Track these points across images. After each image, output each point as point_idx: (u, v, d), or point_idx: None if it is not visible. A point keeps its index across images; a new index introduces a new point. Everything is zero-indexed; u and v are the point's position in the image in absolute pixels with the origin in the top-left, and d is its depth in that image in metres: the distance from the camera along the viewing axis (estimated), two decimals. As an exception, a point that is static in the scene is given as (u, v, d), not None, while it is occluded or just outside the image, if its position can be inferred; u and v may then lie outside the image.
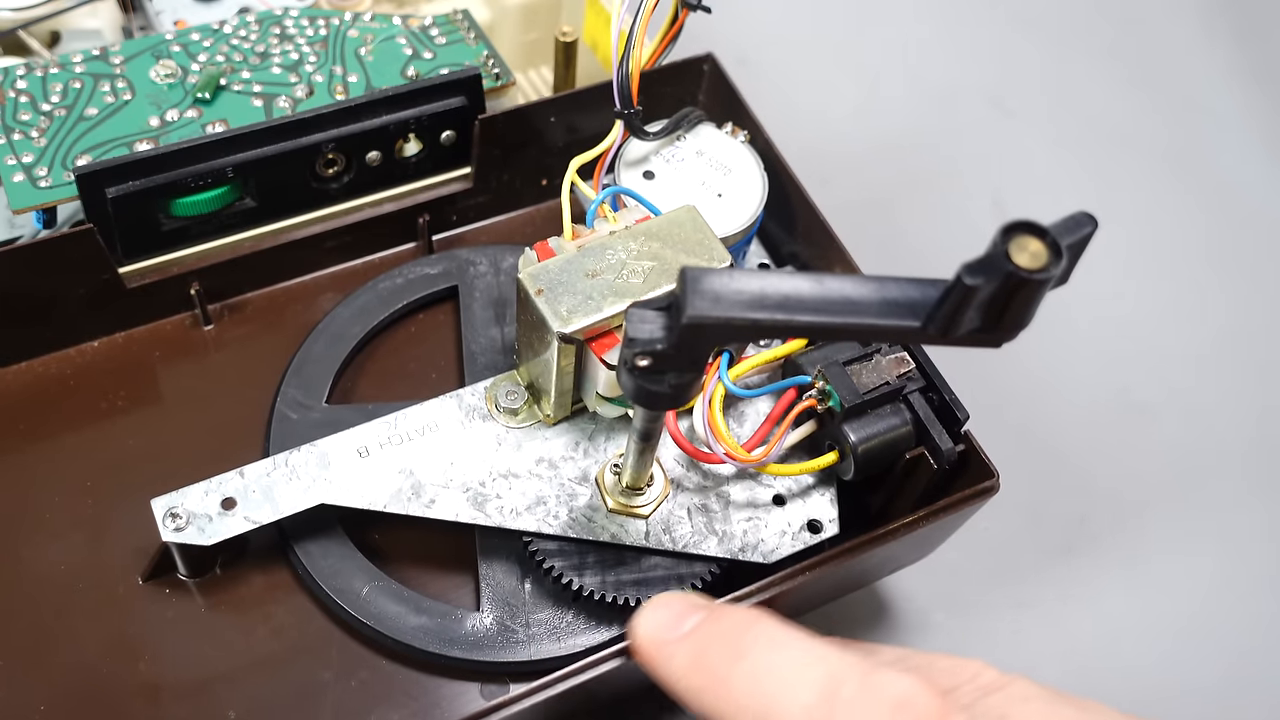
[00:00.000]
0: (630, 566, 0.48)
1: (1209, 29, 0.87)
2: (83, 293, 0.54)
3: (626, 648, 0.44)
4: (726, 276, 0.33)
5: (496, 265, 0.57)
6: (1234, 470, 0.65)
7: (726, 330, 0.33)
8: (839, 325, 0.32)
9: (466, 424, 0.49)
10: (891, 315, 0.32)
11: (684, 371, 0.36)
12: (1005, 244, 0.30)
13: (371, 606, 0.48)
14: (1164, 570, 0.61)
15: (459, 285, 0.57)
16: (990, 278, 0.30)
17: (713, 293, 0.33)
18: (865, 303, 0.32)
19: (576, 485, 0.49)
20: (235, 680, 0.48)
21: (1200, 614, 0.59)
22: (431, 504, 0.48)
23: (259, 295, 0.58)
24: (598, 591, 0.47)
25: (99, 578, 0.49)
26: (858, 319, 0.32)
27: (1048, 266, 0.30)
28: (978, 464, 0.49)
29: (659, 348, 0.35)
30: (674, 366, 0.36)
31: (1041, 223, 0.30)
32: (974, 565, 0.59)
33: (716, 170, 0.54)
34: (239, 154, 0.54)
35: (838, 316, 0.32)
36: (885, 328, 0.32)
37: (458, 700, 0.48)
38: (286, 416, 0.52)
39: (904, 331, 0.32)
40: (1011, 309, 0.31)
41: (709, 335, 0.33)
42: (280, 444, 0.51)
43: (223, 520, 0.46)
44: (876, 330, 0.32)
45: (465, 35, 0.61)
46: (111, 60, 0.57)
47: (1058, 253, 0.30)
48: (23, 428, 0.53)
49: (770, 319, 0.32)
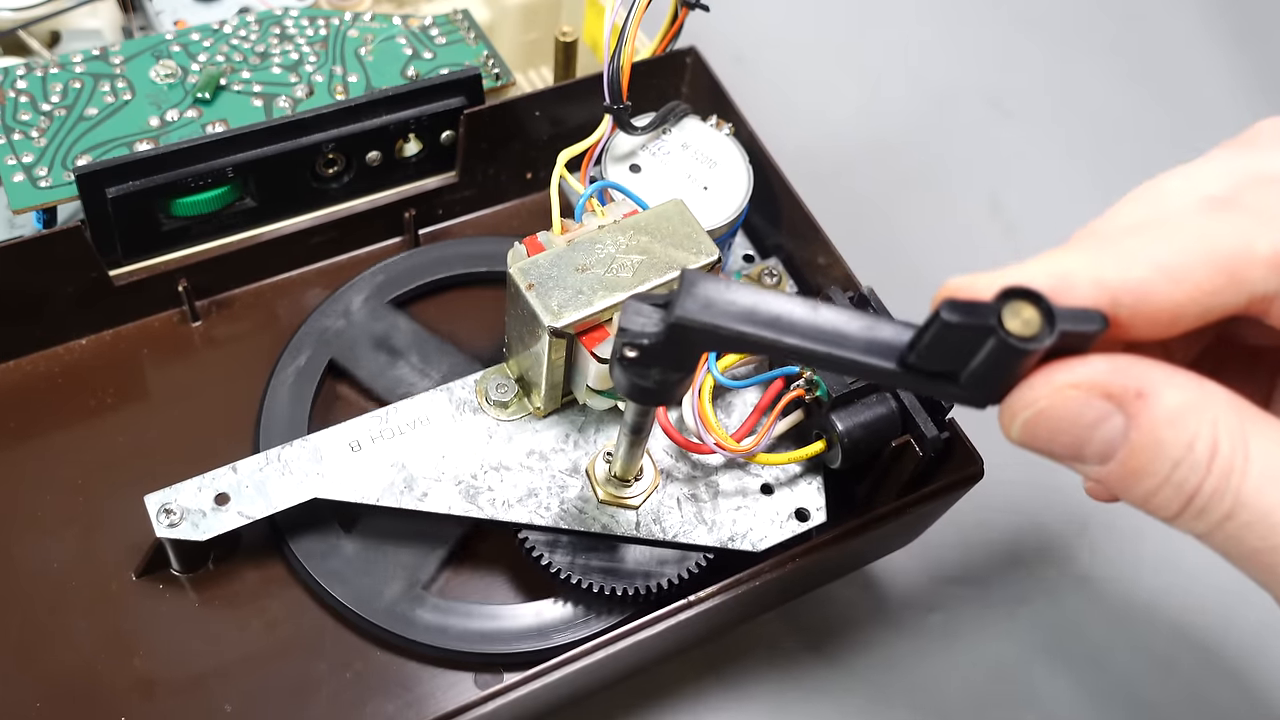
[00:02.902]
0: (618, 556, 0.48)
1: (1210, 27, 0.87)
2: (71, 291, 0.54)
3: (617, 637, 0.44)
4: (724, 286, 0.33)
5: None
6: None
7: (712, 338, 0.33)
8: (823, 354, 0.32)
9: (457, 417, 0.49)
10: (877, 355, 0.31)
11: (670, 370, 0.36)
12: (1001, 305, 0.29)
13: (365, 599, 0.48)
14: (1159, 557, 0.60)
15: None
16: (972, 324, 0.29)
17: (705, 298, 0.32)
18: (854, 339, 0.32)
19: (567, 477, 0.49)
20: (230, 674, 0.48)
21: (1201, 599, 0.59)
22: (424, 497, 0.48)
23: (246, 291, 0.58)
24: (585, 580, 0.47)
25: (92, 574, 0.49)
26: (843, 352, 0.32)
27: (1037, 336, 0.29)
28: (963, 451, 0.50)
29: (645, 342, 0.35)
30: (660, 363, 0.36)
31: (1046, 298, 0.29)
32: (965, 551, 0.59)
33: (702, 163, 0.54)
34: (239, 154, 0.54)
35: (823, 345, 0.32)
36: (869, 366, 0.32)
37: (452, 690, 0.48)
38: (276, 412, 0.53)
39: (887, 373, 0.32)
40: (991, 371, 0.30)
41: (694, 339, 0.33)
42: (270, 439, 0.51)
43: (216, 515, 0.46)
44: (860, 367, 0.32)
45: (465, 35, 0.62)
46: (111, 60, 0.58)
47: (1050, 326, 0.29)
48: (12, 426, 0.53)
49: (756, 335, 0.32)
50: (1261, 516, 0.28)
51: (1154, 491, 0.29)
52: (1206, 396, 0.29)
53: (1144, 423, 0.29)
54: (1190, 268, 0.30)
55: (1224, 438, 0.29)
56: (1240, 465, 0.28)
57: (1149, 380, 0.29)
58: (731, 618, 0.52)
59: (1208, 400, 0.29)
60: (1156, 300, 0.30)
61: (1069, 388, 0.29)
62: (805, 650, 0.56)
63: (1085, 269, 0.30)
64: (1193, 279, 0.30)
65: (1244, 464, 0.28)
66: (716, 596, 0.46)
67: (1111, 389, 0.29)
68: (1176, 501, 0.29)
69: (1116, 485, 0.30)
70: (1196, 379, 0.29)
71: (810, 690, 0.54)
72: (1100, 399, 0.29)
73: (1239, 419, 0.29)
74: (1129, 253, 0.30)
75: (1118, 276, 0.30)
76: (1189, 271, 0.30)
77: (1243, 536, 0.29)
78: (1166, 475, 0.29)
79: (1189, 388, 0.29)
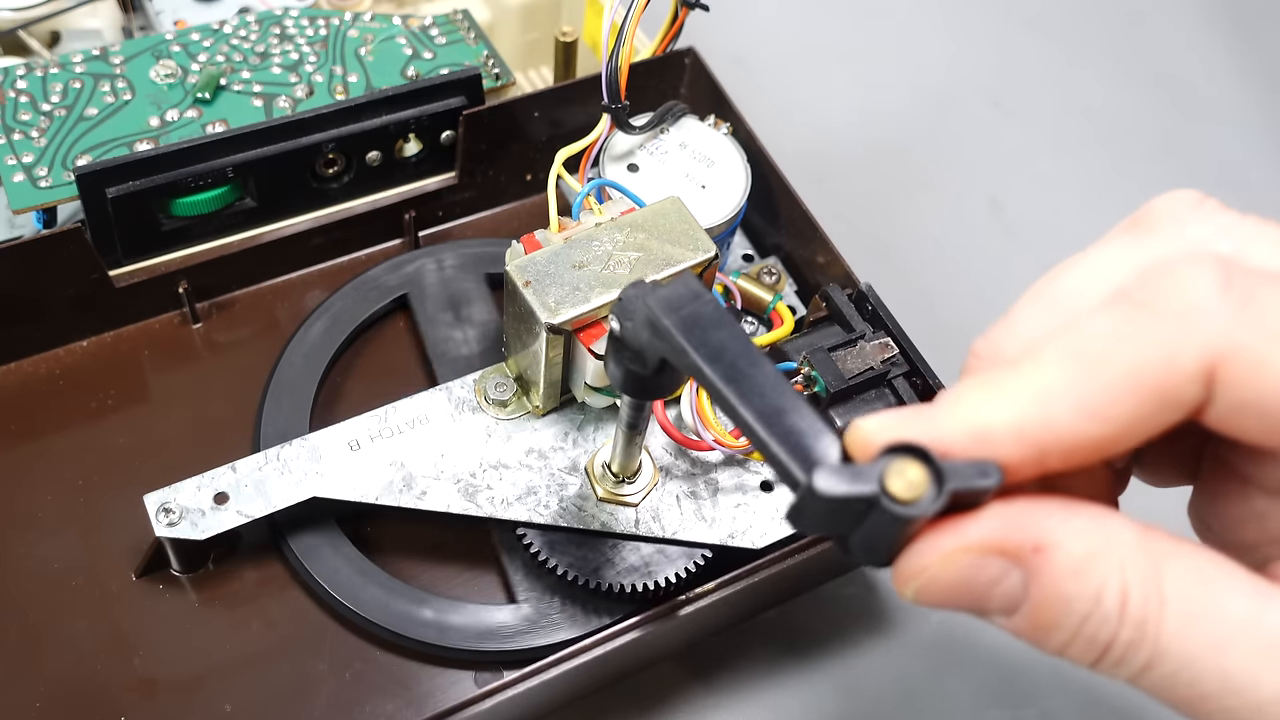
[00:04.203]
0: (618, 554, 0.48)
1: (1210, 27, 0.87)
2: (72, 292, 0.54)
3: (616, 635, 0.44)
4: (698, 300, 0.32)
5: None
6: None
7: (657, 330, 0.32)
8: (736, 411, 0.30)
9: (456, 416, 0.49)
10: (784, 447, 0.29)
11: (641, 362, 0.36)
12: (886, 464, 0.27)
13: (364, 598, 0.48)
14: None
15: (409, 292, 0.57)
16: (849, 496, 0.27)
17: (675, 301, 0.32)
18: (769, 412, 0.30)
19: (566, 475, 0.49)
20: (230, 674, 0.48)
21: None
22: (423, 496, 0.48)
23: (246, 293, 0.59)
24: (585, 578, 0.47)
25: (92, 575, 0.49)
26: (754, 423, 0.30)
27: (920, 502, 0.27)
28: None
29: (625, 322, 0.35)
30: (630, 348, 0.36)
31: (935, 457, 0.27)
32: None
33: (700, 162, 0.54)
34: (239, 154, 0.54)
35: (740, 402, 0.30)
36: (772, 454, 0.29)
37: (452, 689, 0.48)
38: (276, 412, 0.53)
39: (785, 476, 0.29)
40: (877, 537, 0.28)
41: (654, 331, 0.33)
42: (270, 439, 0.51)
43: (215, 514, 0.47)
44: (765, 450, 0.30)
45: (465, 35, 0.62)
46: (111, 60, 0.58)
47: (938, 487, 0.27)
48: (14, 428, 0.53)
49: (689, 352, 0.31)
50: (1186, 664, 0.26)
51: (1066, 644, 0.27)
52: (1111, 540, 0.27)
53: (1045, 578, 0.27)
54: (1117, 402, 0.27)
55: (1134, 584, 0.27)
56: (1155, 611, 0.27)
57: (1046, 531, 0.27)
58: (731, 615, 0.52)
59: (1112, 544, 0.27)
60: (1084, 444, 0.28)
61: (959, 552, 0.27)
62: (805, 649, 0.55)
63: (1004, 422, 0.28)
64: (1121, 414, 0.27)
65: (1159, 609, 0.27)
66: (716, 593, 0.46)
67: (1006, 547, 0.27)
68: (1091, 654, 0.27)
69: (1027, 638, 0.28)
70: (1099, 518, 0.28)
71: (810, 690, 0.54)
72: (995, 558, 0.27)
73: (1149, 559, 0.27)
74: (1048, 394, 0.28)
75: (1041, 429, 0.28)
76: (1117, 407, 0.27)
77: (1169, 685, 0.27)
78: (1076, 629, 0.27)
79: (1091, 533, 0.27)
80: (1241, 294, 0.27)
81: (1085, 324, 0.28)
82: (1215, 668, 0.26)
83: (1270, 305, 0.27)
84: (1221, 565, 0.27)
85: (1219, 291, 0.27)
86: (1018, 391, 0.28)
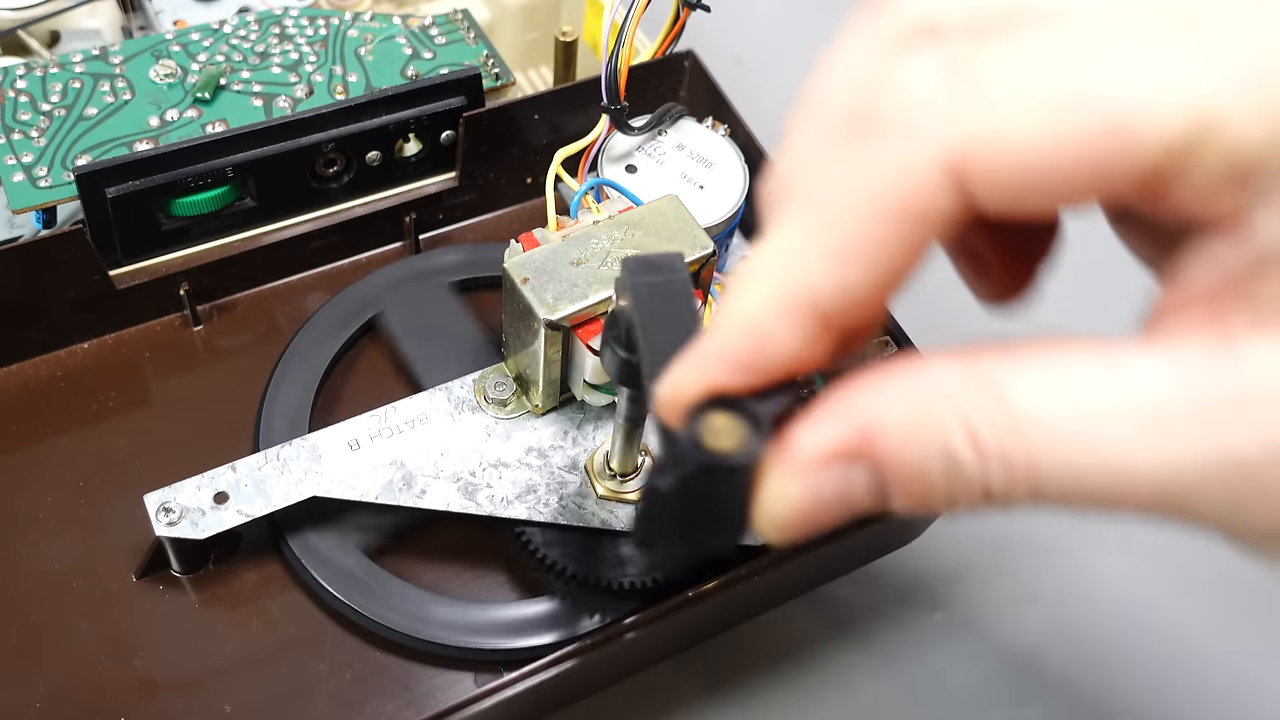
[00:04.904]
0: (618, 552, 0.48)
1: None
2: (73, 294, 0.54)
3: (616, 634, 0.44)
4: (672, 273, 0.32)
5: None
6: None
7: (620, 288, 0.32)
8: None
9: (456, 415, 0.49)
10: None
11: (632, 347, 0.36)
12: (695, 428, 0.26)
13: (364, 599, 0.48)
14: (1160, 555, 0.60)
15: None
16: (682, 470, 0.26)
17: (646, 262, 0.32)
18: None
19: (566, 473, 0.49)
20: (230, 674, 0.48)
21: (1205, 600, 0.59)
22: (422, 495, 0.48)
23: (248, 295, 0.58)
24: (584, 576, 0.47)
25: (93, 575, 0.49)
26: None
27: (747, 446, 0.26)
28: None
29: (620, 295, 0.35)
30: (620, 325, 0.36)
31: (738, 396, 0.26)
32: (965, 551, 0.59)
33: (698, 164, 0.54)
34: (239, 154, 0.54)
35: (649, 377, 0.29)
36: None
37: (452, 689, 0.48)
38: (276, 413, 0.53)
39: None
40: (724, 504, 0.27)
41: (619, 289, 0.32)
42: (270, 440, 0.51)
43: (215, 514, 0.46)
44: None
45: (465, 35, 0.62)
46: (111, 60, 0.58)
47: (756, 427, 0.26)
48: (14, 429, 0.53)
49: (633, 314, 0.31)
50: (1067, 472, 0.24)
51: (950, 504, 0.26)
52: (931, 390, 0.25)
53: (886, 459, 0.25)
54: (865, 238, 0.25)
55: (977, 420, 0.25)
56: (1012, 437, 0.24)
57: (865, 414, 0.26)
58: (732, 614, 0.52)
59: (935, 393, 0.25)
60: (855, 291, 0.26)
61: (796, 481, 0.26)
62: (805, 650, 0.55)
63: (766, 305, 0.26)
64: (875, 248, 0.25)
65: (1015, 433, 0.24)
66: (718, 592, 0.46)
67: (836, 452, 0.26)
68: (978, 502, 0.25)
69: (916, 512, 0.26)
70: (914, 374, 0.26)
71: (810, 690, 0.54)
72: (833, 468, 0.26)
73: (981, 387, 0.25)
74: (794, 257, 0.26)
75: (802, 295, 0.26)
76: (867, 243, 0.25)
77: (1067, 496, 0.25)
78: (947, 489, 0.25)
79: (909, 394, 0.25)
80: (964, 79, 0.25)
81: (813, 165, 0.27)
82: (1094, 464, 0.24)
83: (996, 80, 0.25)
84: (1059, 355, 0.25)
85: (939, 85, 0.25)
86: (768, 267, 0.27)
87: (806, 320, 0.26)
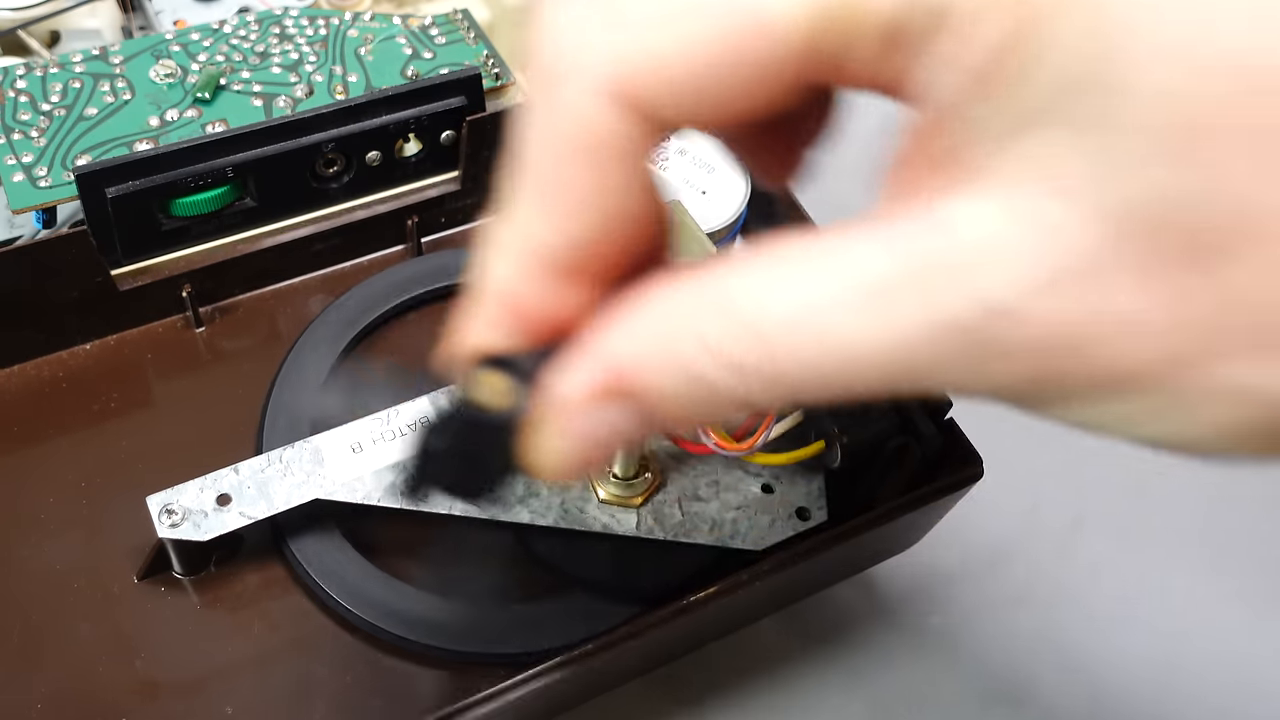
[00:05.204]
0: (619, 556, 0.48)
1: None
2: (75, 295, 0.54)
3: (617, 638, 0.44)
4: None
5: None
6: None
7: None
8: None
9: (459, 420, 0.49)
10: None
11: None
12: (466, 387, 0.27)
13: (366, 601, 0.48)
14: (1160, 555, 0.60)
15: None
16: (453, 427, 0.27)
17: None
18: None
19: (568, 478, 0.49)
20: (231, 677, 0.48)
21: (1197, 603, 0.59)
22: (424, 498, 0.48)
23: (250, 298, 0.58)
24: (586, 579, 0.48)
25: (94, 577, 0.49)
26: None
27: (512, 401, 0.27)
28: (961, 451, 0.50)
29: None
30: None
31: (511, 356, 0.27)
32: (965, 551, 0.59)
33: (700, 169, 0.54)
34: (239, 154, 0.54)
35: None
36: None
37: (453, 692, 0.48)
38: (278, 416, 0.53)
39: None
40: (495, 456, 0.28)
41: None
42: (272, 443, 0.51)
43: (218, 516, 0.47)
44: None
45: (465, 35, 0.62)
46: (111, 60, 0.58)
47: (521, 377, 0.27)
48: (16, 430, 0.53)
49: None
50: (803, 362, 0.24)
51: (708, 419, 0.26)
52: (668, 316, 0.25)
53: (644, 395, 0.25)
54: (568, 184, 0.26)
55: (713, 334, 0.24)
56: (748, 342, 0.24)
57: (613, 356, 0.26)
58: (732, 619, 0.52)
59: (672, 319, 0.25)
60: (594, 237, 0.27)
61: (557, 432, 0.27)
62: (805, 652, 0.56)
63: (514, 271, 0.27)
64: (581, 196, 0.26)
65: (751, 337, 0.24)
66: (719, 596, 0.46)
67: (592, 397, 0.26)
68: (746, 410, 0.25)
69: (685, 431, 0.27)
70: (648, 300, 0.26)
71: (810, 692, 0.55)
72: (594, 413, 0.26)
73: (713, 298, 0.25)
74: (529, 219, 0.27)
75: (545, 255, 0.27)
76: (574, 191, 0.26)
77: (815, 390, 0.24)
78: (709, 406, 0.25)
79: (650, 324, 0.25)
80: (609, 8, 0.26)
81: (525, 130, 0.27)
82: (826, 353, 0.24)
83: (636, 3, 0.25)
84: (783, 253, 0.25)
85: (589, 19, 0.26)
86: (503, 234, 0.27)
87: (549, 276, 0.27)
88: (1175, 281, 0.21)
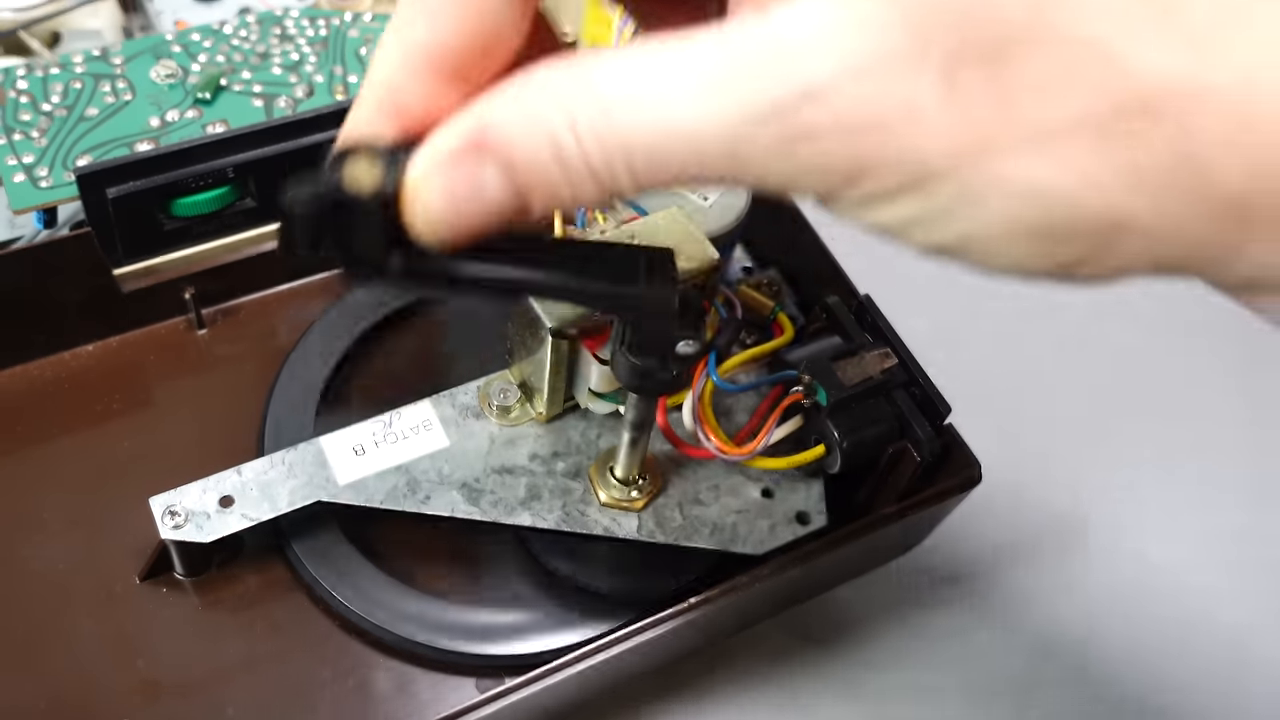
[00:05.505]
0: (620, 559, 0.49)
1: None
2: (79, 297, 0.54)
3: (617, 641, 0.44)
4: None
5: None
6: (1224, 457, 0.65)
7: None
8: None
9: (460, 422, 0.50)
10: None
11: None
12: (337, 167, 0.28)
13: (367, 603, 0.48)
14: (1160, 555, 0.61)
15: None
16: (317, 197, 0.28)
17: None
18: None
19: (569, 480, 0.49)
20: (233, 678, 0.48)
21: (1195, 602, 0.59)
22: (426, 500, 0.48)
23: (252, 300, 0.59)
24: (586, 583, 0.48)
25: (97, 578, 0.50)
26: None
27: (379, 181, 0.28)
28: (960, 456, 0.50)
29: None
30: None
31: (389, 146, 0.28)
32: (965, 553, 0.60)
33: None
34: (239, 154, 0.54)
35: None
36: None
37: (454, 695, 0.48)
38: (280, 418, 0.53)
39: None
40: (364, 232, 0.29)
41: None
42: (275, 445, 0.51)
43: (220, 518, 0.47)
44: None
45: (465, 35, 0.62)
46: (112, 60, 0.58)
47: (392, 165, 0.28)
48: (19, 431, 0.53)
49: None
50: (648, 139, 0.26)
51: (576, 198, 0.27)
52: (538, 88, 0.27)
53: (508, 155, 0.27)
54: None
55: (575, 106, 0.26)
56: (603, 117, 0.26)
57: (484, 118, 0.27)
58: (733, 622, 0.53)
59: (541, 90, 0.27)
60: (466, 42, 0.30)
61: (426, 184, 0.28)
62: (805, 653, 0.56)
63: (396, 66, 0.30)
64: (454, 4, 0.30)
65: (606, 112, 0.26)
66: (719, 599, 0.46)
67: (462, 150, 0.27)
68: (595, 192, 0.27)
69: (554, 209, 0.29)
70: (524, 77, 0.27)
71: (810, 693, 0.55)
72: (462, 168, 0.27)
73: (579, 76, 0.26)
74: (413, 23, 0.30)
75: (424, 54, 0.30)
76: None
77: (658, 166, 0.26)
78: (566, 179, 0.27)
79: (520, 94, 0.27)
80: None
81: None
82: (667, 130, 0.25)
83: None
84: (645, 45, 0.26)
85: None
86: (392, 35, 0.30)
87: (426, 73, 0.30)
88: (966, 77, 0.23)
